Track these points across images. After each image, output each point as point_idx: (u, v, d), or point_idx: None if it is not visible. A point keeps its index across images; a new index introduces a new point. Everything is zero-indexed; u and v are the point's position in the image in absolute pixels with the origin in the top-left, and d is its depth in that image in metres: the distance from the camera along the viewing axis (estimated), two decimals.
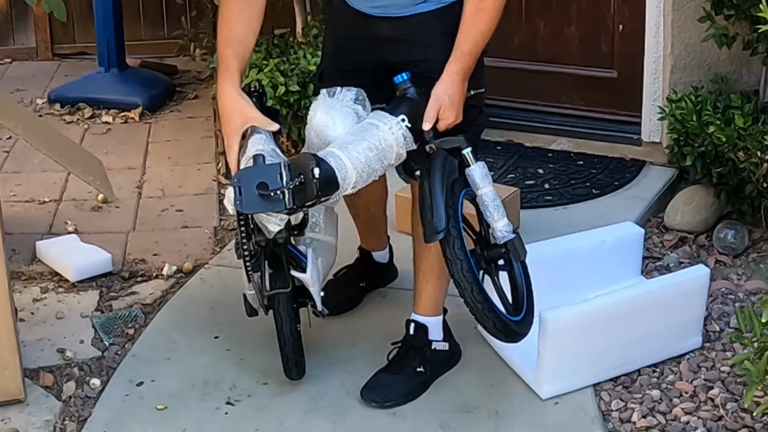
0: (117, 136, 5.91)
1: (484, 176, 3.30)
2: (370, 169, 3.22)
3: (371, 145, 3.20)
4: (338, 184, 3.14)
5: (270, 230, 3.23)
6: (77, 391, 3.59)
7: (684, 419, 3.37)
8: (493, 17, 3.27)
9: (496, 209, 3.30)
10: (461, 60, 3.27)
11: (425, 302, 3.58)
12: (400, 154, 3.27)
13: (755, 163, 4.17)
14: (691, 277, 3.67)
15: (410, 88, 3.31)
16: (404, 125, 3.24)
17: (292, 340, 3.46)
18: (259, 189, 3.06)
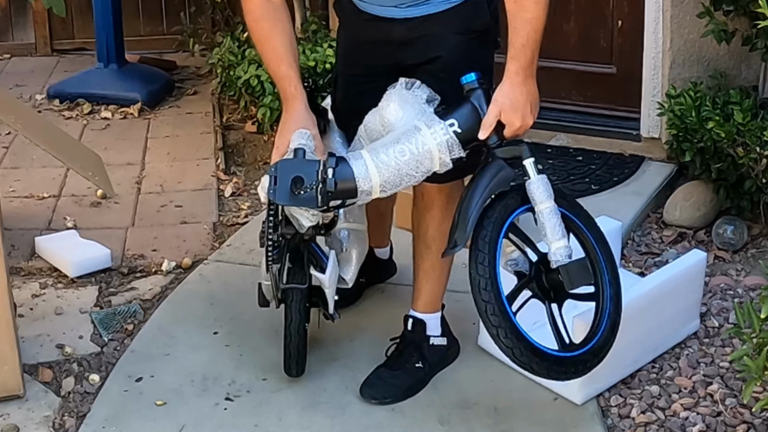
0: (116, 132, 5.91)
1: (543, 190, 3.10)
2: (402, 173, 3.09)
3: (404, 149, 3.08)
4: (356, 189, 3.08)
5: (302, 224, 3.22)
6: (76, 386, 3.60)
7: (683, 415, 3.37)
8: (537, 1, 3.07)
9: (552, 228, 3.10)
10: (517, 57, 3.10)
11: (424, 300, 3.58)
12: (444, 162, 3.12)
13: (754, 158, 4.17)
14: (687, 266, 3.68)
15: (476, 90, 3.15)
16: (452, 131, 3.09)
17: (297, 338, 3.46)
18: (294, 183, 3.04)
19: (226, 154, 5.49)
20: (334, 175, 3.05)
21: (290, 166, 3.08)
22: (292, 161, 3.11)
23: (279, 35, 3.32)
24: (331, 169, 3.05)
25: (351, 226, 3.55)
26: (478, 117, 3.12)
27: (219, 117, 5.99)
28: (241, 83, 5.26)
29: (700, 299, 3.81)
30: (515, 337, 3.04)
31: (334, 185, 3.05)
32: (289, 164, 3.09)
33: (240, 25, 5.84)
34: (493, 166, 3.12)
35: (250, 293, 4.01)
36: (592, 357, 3.17)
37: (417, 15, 3.31)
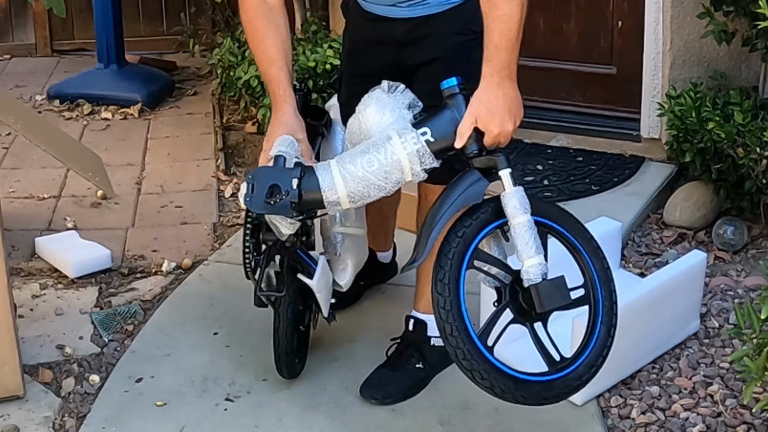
0: (116, 133, 5.91)
1: (518, 204, 2.94)
2: (370, 184, 3.00)
3: (373, 160, 2.99)
4: (322, 201, 3.02)
5: (282, 232, 3.19)
6: (76, 387, 3.60)
7: (683, 415, 3.37)
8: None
9: (526, 244, 2.92)
10: (490, 59, 2.97)
11: (425, 300, 3.56)
12: (415, 172, 3.01)
13: (754, 159, 4.17)
14: (687, 267, 3.68)
15: (455, 96, 3.02)
16: (423, 140, 2.97)
17: (285, 342, 3.45)
18: (271, 191, 3.01)
19: (226, 155, 5.49)
20: (299, 186, 2.99)
21: (267, 173, 3.03)
22: (270, 169, 3.06)
23: (272, 36, 3.28)
24: (296, 179, 2.99)
25: (346, 230, 3.53)
26: (454, 125, 2.99)
27: (219, 117, 5.99)
28: (241, 84, 5.26)
29: (700, 300, 3.81)
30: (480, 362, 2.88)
31: (298, 196, 2.99)
32: (265, 172, 3.04)
33: (240, 25, 5.83)
34: (467, 177, 2.98)
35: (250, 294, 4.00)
36: (587, 369, 3.02)
37: (417, 15, 3.32)
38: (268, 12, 3.29)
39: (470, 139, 2.97)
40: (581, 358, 3.01)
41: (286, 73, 3.27)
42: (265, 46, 3.29)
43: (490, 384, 2.89)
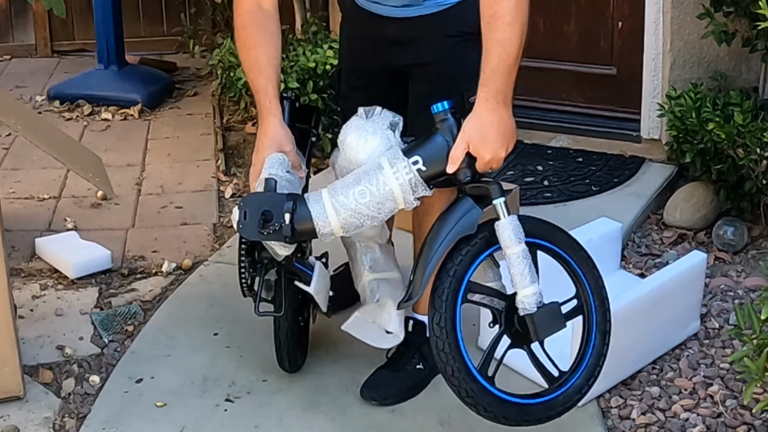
0: (116, 133, 5.92)
1: (513, 234, 2.92)
2: (363, 215, 2.97)
3: (365, 191, 2.95)
4: (314, 232, 3.00)
5: (278, 253, 3.16)
6: (76, 388, 3.60)
7: (683, 416, 3.37)
8: (511, 22, 2.92)
9: (521, 274, 2.91)
10: (487, 83, 2.92)
11: (424, 302, 3.57)
12: (408, 201, 2.98)
13: (754, 159, 4.17)
14: (687, 267, 3.68)
15: (446, 120, 2.97)
16: (415, 169, 2.93)
17: (287, 342, 3.47)
18: (263, 217, 2.97)
19: (227, 156, 5.49)
20: (292, 219, 2.96)
21: (259, 200, 3.00)
22: (261, 195, 3.02)
23: (263, 46, 3.25)
24: (288, 213, 2.96)
25: (380, 276, 3.51)
26: (446, 151, 2.94)
27: (219, 118, 5.99)
28: (242, 84, 5.26)
29: (700, 300, 3.81)
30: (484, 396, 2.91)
31: (291, 231, 2.97)
32: (257, 198, 3.01)
33: None
34: (461, 205, 2.96)
35: None
36: (585, 381, 3.07)
37: (410, 15, 3.32)
38: (262, 19, 3.26)
39: (462, 164, 2.94)
40: (579, 369, 3.06)
41: (273, 84, 3.24)
42: (255, 55, 3.25)
43: (494, 415, 2.94)
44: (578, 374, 3.06)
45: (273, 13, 3.28)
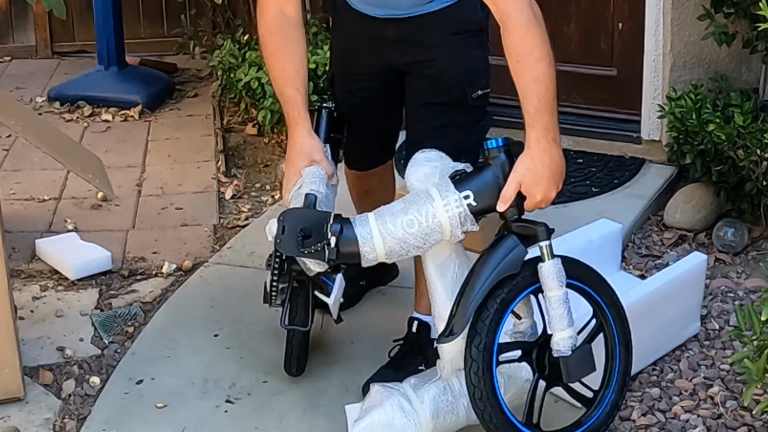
0: (117, 134, 5.92)
1: (556, 276, 2.92)
2: (409, 244, 2.95)
3: (414, 221, 2.92)
4: (359, 255, 2.97)
5: (310, 268, 3.12)
6: (77, 389, 3.60)
7: (683, 417, 3.37)
8: (540, 57, 2.88)
9: (559, 318, 2.92)
10: (533, 124, 2.91)
11: (428, 302, 3.56)
12: (455, 234, 2.96)
13: (755, 161, 4.17)
14: (688, 269, 3.69)
15: (498, 157, 2.96)
16: (466, 203, 2.92)
17: (299, 349, 3.48)
18: (302, 233, 2.94)
19: (227, 157, 5.49)
20: (337, 243, 2.94)
21: (299, 216, 2.98)
22: (302, 211, 3.00)
23: (289, 55, 3.24)
24: (335, 237, 2.93)
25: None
26: (497, 188, 2.94)
27: (219, 119, 5.99)
28: (242, 86, 5.26)
29: (700, 302, 3.81)
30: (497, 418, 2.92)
31: (336, 254, 2.95)
32: (298, 214, 2.99)
33: (240, 27, 5.84)
34: (506, 243, 2.95)
35: (251, 295, 4.01)
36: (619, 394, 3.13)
37: (408, 15, 3.30)
38: (287, 27, 3.24)
39: (512, 203, 2.95)
40: (611, 385, 3.12)
41: (302, 94, 3.23)
42: (282, 65, 3.25)
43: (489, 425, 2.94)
44: (611, 390, 3.11)
45: (297, 21, 3.25)
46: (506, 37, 2.92)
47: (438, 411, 3.04)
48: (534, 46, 2.88)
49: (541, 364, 3.02)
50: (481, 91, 3.33)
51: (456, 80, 3.26)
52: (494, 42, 3.37)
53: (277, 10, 3.24)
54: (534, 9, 2.92)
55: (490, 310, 2.90)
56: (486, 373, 2.89)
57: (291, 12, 3.25)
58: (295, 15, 3.25)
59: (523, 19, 2.89)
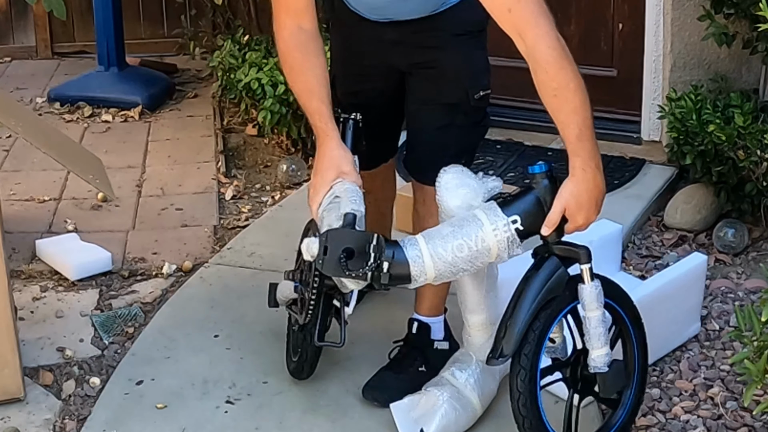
0: (117, 135, 5.92)
1: (596, 298, 2.98)
2: (456, 269, 2.96)
3: (463, 246, 2.93)
4: (410, 278, 2.95)
5: (348, 287, 3.07)
6: (77, 389, 3.59)
7: (684, 418, 3.37)
8: (575, 88, 2.92)
9: (597, 337, 2.98)
10: (576, 152, 2.99)
11: (428, 303, 3.57)
12: (501, 258, 2.99)
13: (755, 161, 4.17)
14: (688, 269, 3.69)
15: (543, 182, 3.03)
16: (513, 228, 2.95)
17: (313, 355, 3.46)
18: (345, 254, 2.90)
19: (227, 157, 5.49)
20: (390, 268, 2.92)
21: (341, 236, 2.93)
22: (344, 232, 2.95)
23: (311, 69, 3.18)
24: (387, 262, 2.91)
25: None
26: (541, 212, 2.99)
27: (220, 120, 5.99)
28: (242, 86, 5.26)
29: (701, 302, 3.81)
30: None
31: (388, 279, 2.93)
32: (340, 235, 2.94)
33: (240, 28, 5.84)
34: (548, 266, 3.00)
35: (251, 296, 4.02)
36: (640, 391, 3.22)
37: (409, 18, 3.29)
38: (305, 42, 3.20)
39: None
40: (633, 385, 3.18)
41: (327, 105, 3.19)
42: (305, 79, 3.20)
43: None
44: (633, 389, 3.18)
45: (314, 33, 3.21)
46: (539, 73, 2.95)
47: (481, 392, 3.24)
48: (569, 79, 2.91)
49: (575, 379, 3.09)
50: (483, 92, 3.33)
51: (458, 81, 3.26)
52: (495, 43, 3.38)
53: (294, 26, 3.20)
54: (561, 41, 2.93)
55: (531, 343, 2.96)
56: (533, 403, 2.96)
57: (307, 25, 3.20)
58: (312, 27, 3.21)
59: (555, 54, 2.91)
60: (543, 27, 2.90)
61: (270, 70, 5.08)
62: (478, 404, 3.28)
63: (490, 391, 3.33)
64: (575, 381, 3.10)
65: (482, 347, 3.22)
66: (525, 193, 3.03)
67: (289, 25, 3.20)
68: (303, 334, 3.41)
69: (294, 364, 3.53)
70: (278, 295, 3.54)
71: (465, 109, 3.31)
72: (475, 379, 3.27)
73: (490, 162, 4.96)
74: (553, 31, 2.91)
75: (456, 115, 3.31)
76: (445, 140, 3.29)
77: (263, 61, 5.19)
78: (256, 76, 5.17)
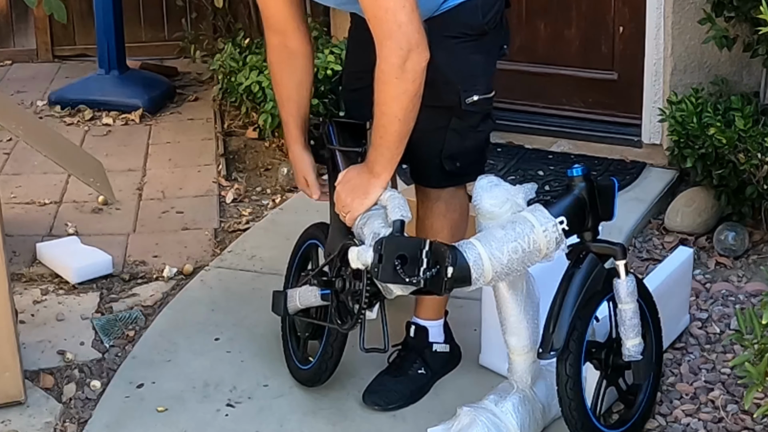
0: (117, 138, 5.92)
1: (631, 292, 3.15)
2: (510, 270, 3.03)
3: (518, 248, 3.01)
4: (470, 281, 2.99)
5: (392, 292, 3.08)
6: (77, 392, 3.60)
7: (684, 421, 3.37)
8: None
9: (632, 327, 3.16)
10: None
11: (426, 307, 3.59)
12: (548, 257, 3.09)
13: (755, 164, 4.17)
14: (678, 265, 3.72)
15: (581, 184, 3.17)
16: (560, 228, 3.07)
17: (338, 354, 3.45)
18: (399, 261, 2.94)
19: (228, 161, 5.49)
20: (453, 273, 2.96)
21: (395, 243, 2.98)
22: (397, 239, 3.01)
23: (285, 84, 3.44)
24: (451, 267, 2.95)
25: None
26: (581, 212, 3.14)
27: (220, 123, 5.99)
28: (243, 89, 5.26)
29: (689, 294, 3.87)
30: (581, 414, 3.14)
31: (452, 283, 2.98)
32: (394, 242, 2.98)
33: (241, 31, 5.84)
34: (588, 264, 3.14)
35: (252, 299, 4.02)
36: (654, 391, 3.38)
37: None
38: (285, 58, 3.41)
39: None
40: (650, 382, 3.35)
41: (294, 117, 3.44)
42: (279, 91, 3.49)
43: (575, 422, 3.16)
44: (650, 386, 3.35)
45: (298, 51, 3.40)
46: None
47: (522, 421, 3.21)
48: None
49: (606, 365, 3.24)
50: (478, 96, 3.31)
51: (450, 84, 3.26)
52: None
53: (278, 43, 3.41)
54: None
55: (578, 329, 3.11)
56: (577, 385, 3.11)
57: (292, 44, 3.39)
58: (296, 46, 3.39)
59: None
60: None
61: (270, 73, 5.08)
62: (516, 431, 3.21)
63: (533, 421, 3.25)
64: (606, 366, 3.24)
65: (524, 374, 3.26)
66: (566, 195, 3.16)
67: (273, 41, 3.42)
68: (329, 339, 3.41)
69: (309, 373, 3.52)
70: (292, 303, 3.51)
71: (458, 113, 3.31)
72: (514, 406, 3.23)
73: (491, 165, 4.95)
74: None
75: (450, 117, 3.32)
76: (440, 142, 3.32)
77: (264, 64, 5.18)
78: (256, 80, 5.17)
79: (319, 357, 3.47)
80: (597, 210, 3.16)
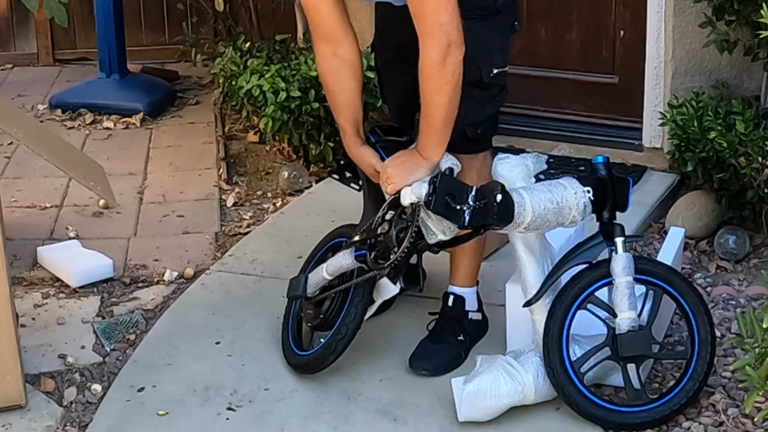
0: (118, 142, 5.92)
1: (625, 267, 3.38)
2: (545, 219, 3.36)
3: (553, 199, 3.36)
4: (513, 217, 3.30)
5: (436, 235, 3.37)
6: (78, 396, 3.60)
7: (685, 425, 3.37)
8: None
9: (622, 299, 3.36)
10: None
11: (463, 275, 3.77)
12: (575, 219, 3.43)
13: (756, 168, 4.17)
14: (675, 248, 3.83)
15: (602, 170, 3.48)
16: (588, 196, 3.41)
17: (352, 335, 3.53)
18: (448, 197, 3.25)
19: (228, 164, 5.50)
20: (497, 208, 3.26)
21: (448, 182, 3.29)
22: (452, 179, 3.33)
23: (339, 92, 3.54)
24: (500, 195, 3.26)
25: None
26: (603, 192, 3.45)
27: (221, 127, 5.99)
28: (243, 93, 5.26)
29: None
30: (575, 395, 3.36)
31: (495, 219, 3.28)
32: (447, 181, 3.29)
33: (242, 35, 5.84)
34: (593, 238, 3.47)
35: (253, 303, 4.03)
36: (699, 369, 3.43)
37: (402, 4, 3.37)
38: (336, 66, 3.52)
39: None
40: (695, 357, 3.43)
41: (350, 123, 3.55)
42: (333, 99, 3.58)
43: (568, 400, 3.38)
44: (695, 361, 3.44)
45: (348, 58, 3.52)
46: None
47: (537, 374, 3.40)
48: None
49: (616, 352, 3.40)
50: (497, 69, 3.50)
51: (471, 60, 3.35)
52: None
53: (328, 52, 3.52)
54: None
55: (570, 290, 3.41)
56: (559, 337, 3.36)
57: (342, 51, 3.51)
58: (346, 53, 3.52)
59: None
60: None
61: (271, 77, 5.08)
62: (530, 384, 3.38)
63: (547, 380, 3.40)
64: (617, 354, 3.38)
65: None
66: (591, 175, 3.49)
67: (323, 50, 3.54)
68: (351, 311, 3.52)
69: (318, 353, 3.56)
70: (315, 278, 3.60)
71: (481, 86, 3.49)
72: (530, 359, 3.43)
73: None
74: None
75: (472, 89, 3.44)
76: (463, 111, 3.40)
77: (264, 68, 5.18)
78: (257, 83, 5.17)
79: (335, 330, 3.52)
80: (615, 196, 3.46)
